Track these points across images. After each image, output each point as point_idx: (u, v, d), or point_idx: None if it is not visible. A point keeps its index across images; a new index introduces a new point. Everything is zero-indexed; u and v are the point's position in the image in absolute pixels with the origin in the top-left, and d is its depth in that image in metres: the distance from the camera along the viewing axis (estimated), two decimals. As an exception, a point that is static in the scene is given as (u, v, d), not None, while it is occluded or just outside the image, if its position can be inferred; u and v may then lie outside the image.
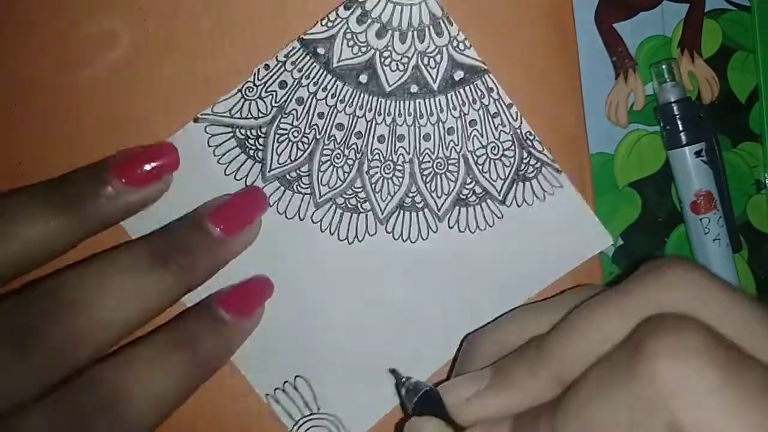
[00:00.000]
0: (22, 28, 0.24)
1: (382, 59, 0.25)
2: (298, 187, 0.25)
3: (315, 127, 0.25)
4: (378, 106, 0.25)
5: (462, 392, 0.20)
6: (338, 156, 0.25)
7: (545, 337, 0.18)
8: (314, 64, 0.25)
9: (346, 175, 0.25)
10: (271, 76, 0.25)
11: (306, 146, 0.25)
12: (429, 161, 0.25)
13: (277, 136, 0.25)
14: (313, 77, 0.25)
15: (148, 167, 0.22)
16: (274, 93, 0.25)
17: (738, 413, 0.13)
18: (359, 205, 0.25)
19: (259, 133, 0.25)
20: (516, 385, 0.19)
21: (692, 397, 0.14)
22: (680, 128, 0.30)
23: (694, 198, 0.31)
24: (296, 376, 0.25)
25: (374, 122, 0.25)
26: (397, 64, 0.25)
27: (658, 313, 0.16)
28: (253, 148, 0.25)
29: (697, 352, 0.14)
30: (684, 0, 0.32)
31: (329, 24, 0.25)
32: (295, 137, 0.25)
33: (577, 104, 0.26)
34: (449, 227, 0.25)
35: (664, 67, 0.31)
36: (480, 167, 0.25)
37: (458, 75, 0.25)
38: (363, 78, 0.25)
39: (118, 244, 0.22)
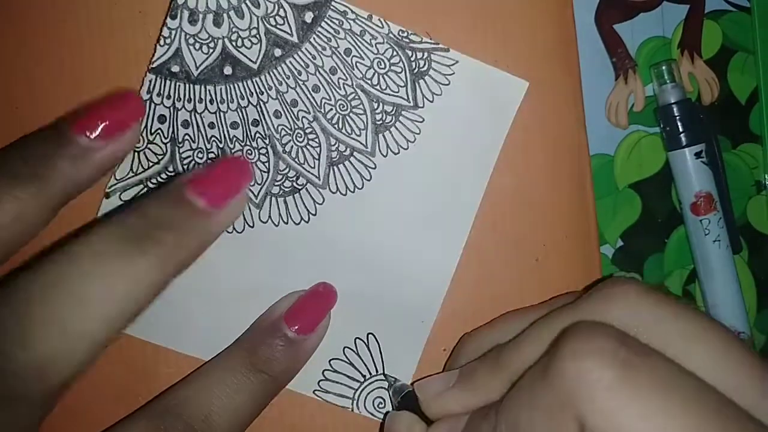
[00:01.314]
0: (22, 31, 0.24)
1: (234, 43, 0.24)
2: (231, 200, 0.25)
3: (213, 139, 0.25)
4: (257, 87, 0.25)
5: (431, 390, 0.22)
6: (249, 152, 0.25)
7: (505, 346, 0.21)
8: (177, 84, 0.24)
9: (266, 165, 0.25)
10: (148, 117, 0.24)
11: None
12: (331, 108, 0.25)
13: (184, 167, 0.25)
14: (185, 96, 0.24)
15: (112, 118, 0.20)
16: (159, 131, 0.24)
17: (632, 405, 0.15)
18: (294, 184, 0.25)
19: (168, 174, 0.24)
20: (476, 386, 0.21)
21: (591, 392, 0.15)
22: (680, 129, 0.30)
23: (694, 199, 0.31)
24: (365, 335, 0.26)
25: (261, 103, 0.25)
26: (249, 40, 0.24)
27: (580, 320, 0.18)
28: (171, 189, 0.25)
29: (599, 353, 0.15)
30: (684, 1, 0.32)
31: (168, 41, 0.24)
32: (201, 158, 0.25)
33: (577, 105, 0.25)
34: (384, 156, 0.25)
35: (664, 68, 0.31)
36: (378, 88, 0.25)
37: (308, 16, 0.24)
38: (227, 70, 0.24)
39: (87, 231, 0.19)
